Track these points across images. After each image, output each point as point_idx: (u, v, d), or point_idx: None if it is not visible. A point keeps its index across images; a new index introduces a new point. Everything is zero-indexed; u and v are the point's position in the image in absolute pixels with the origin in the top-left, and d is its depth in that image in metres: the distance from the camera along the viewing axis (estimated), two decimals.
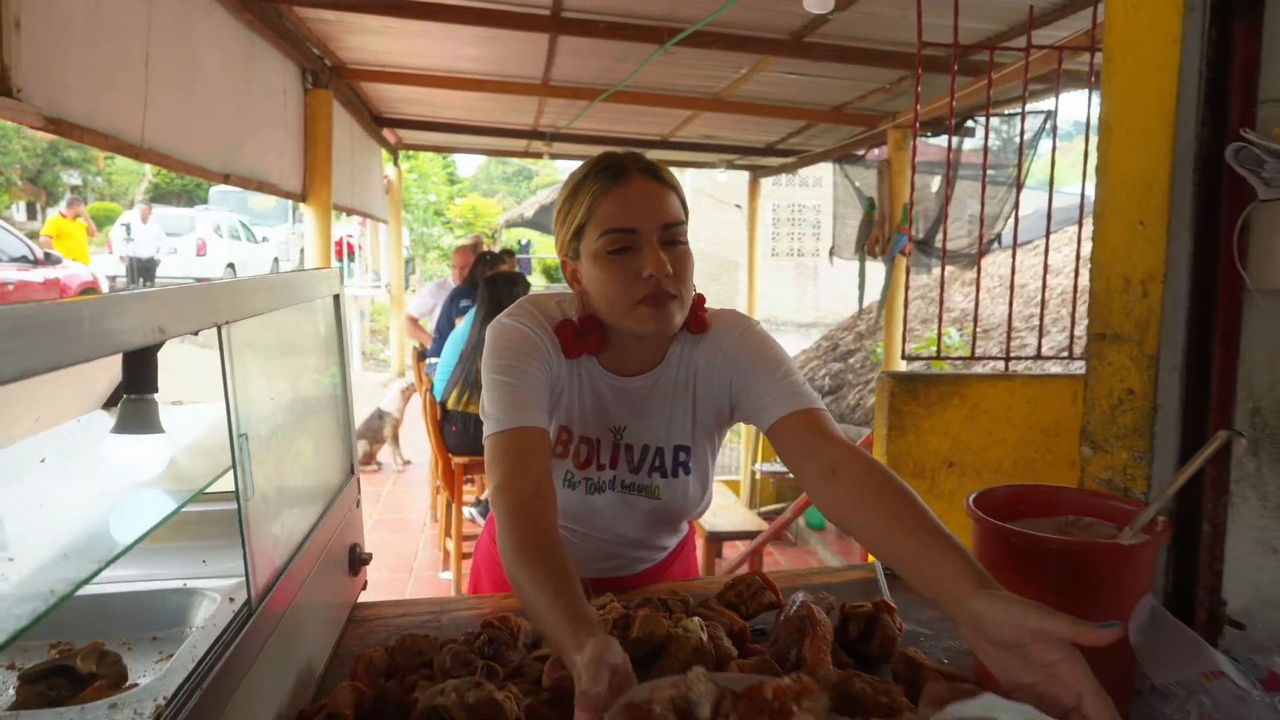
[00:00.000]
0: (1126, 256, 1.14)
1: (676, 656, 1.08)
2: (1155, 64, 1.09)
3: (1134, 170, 1.13)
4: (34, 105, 2.54)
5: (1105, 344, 1.19)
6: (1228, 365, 1.08)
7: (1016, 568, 1.04)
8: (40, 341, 0.52)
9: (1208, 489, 1.11)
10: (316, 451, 1.26)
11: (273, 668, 0.95)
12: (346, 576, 1.34)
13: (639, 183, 1.16)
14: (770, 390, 1.19)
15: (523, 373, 1.17)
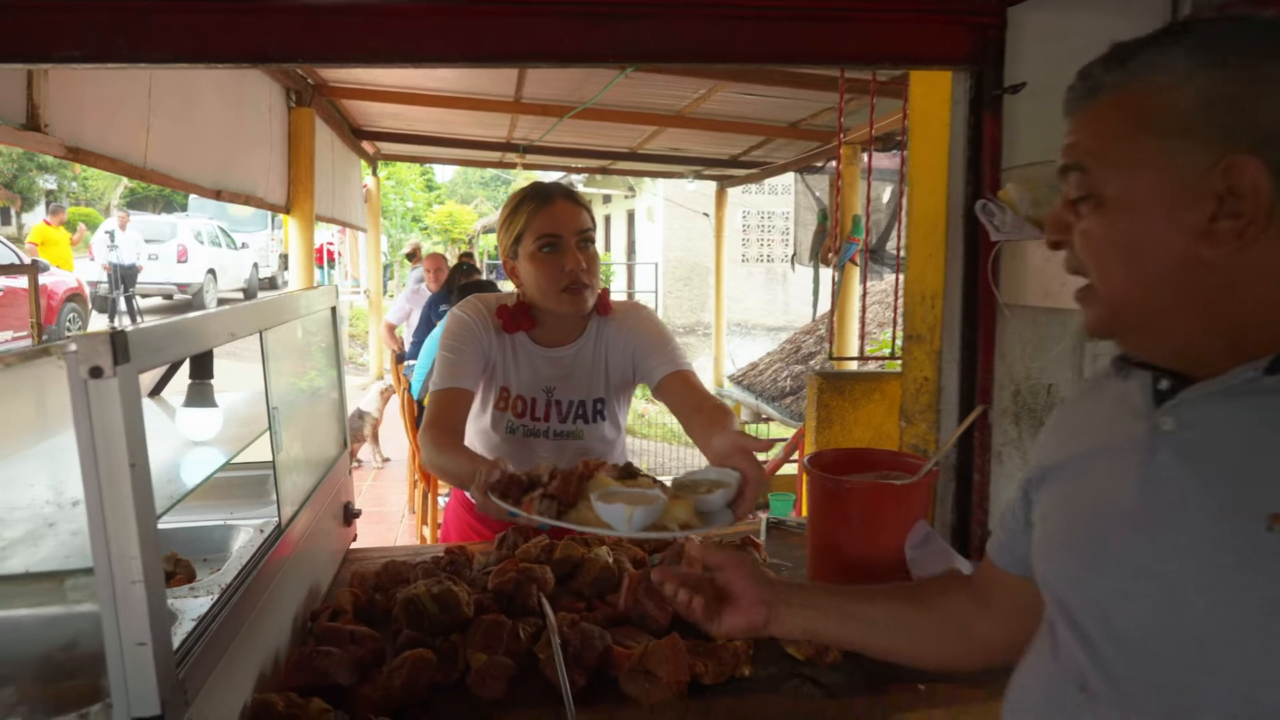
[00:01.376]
0: (922, 279, 1.55)
1: (588, 573, 1.47)
2: (936, 140, 1.50)
3: (926, 216, 1.54)
4: (58, 138, 2.90)
5: (912, 343, 1.60)
6: (988, 358, 1.49)
7: (831, 505, 1.45)
8: (178, 341, 0.91)
9: (977, 448, 1.52)
10: (319, 428, 1.64)
11: (293, 575, 1.33)
12: (342, 525, 1.72)
13: (561, 204, 1.65)
14: (658, 357, 1.68)
15: (460, 350, 1.66)
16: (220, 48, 1.24)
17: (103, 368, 0.75)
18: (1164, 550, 0.72)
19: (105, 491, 0.77)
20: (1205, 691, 0.68)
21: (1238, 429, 0.70)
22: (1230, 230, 0.69)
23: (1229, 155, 0.68)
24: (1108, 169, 0.74)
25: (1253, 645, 0.65)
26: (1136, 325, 0.77)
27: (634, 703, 1.18)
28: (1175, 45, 0.71)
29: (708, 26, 1.40)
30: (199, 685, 0.91)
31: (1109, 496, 0.78)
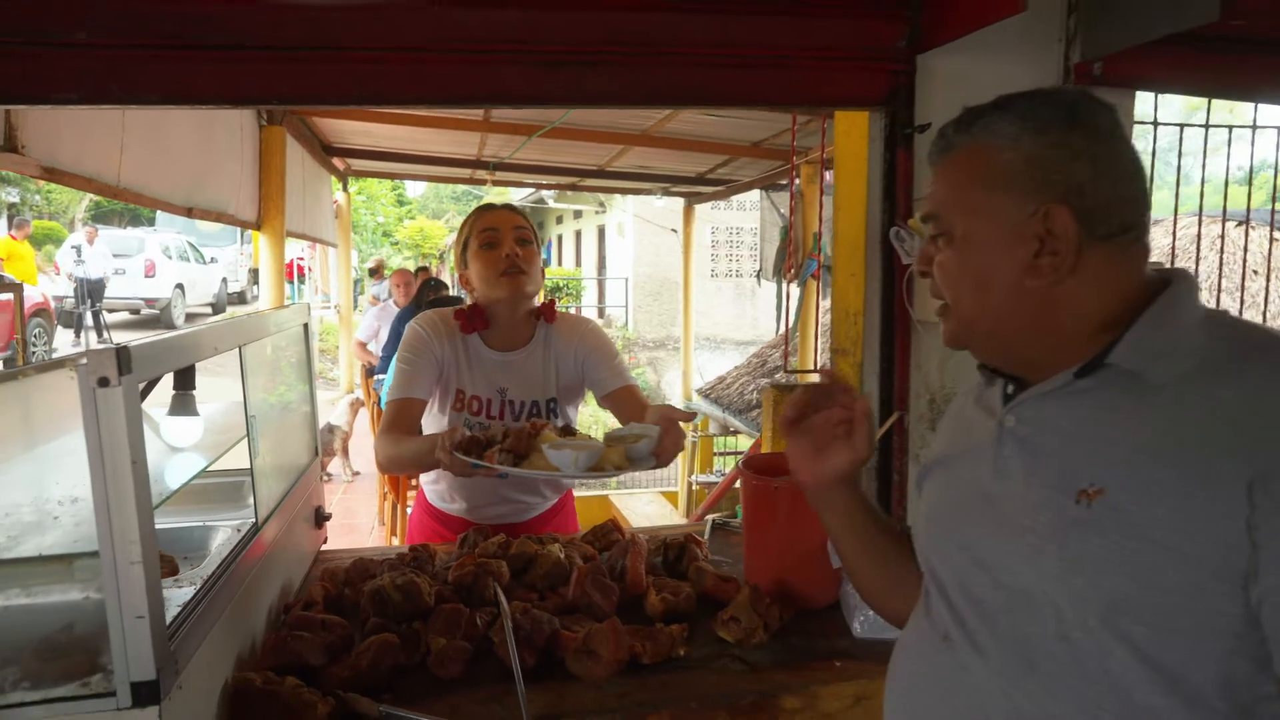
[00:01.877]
0: (845, 297, 1.71)
1: (541, 568, 1.61)
2: (857, 172, 1.67)
3: (848, 240, 1.70)
4: (34, 158, 2.99)
5: (838, 356, 1.76)
6: (904, 369, 1.65)
7: (762, 504, 1.59)
8: (172, 355, 1.04)
9: (896, 452, 1.68)
10: (292, 437, 1.76)
11: (267, 570, 1.45)
12: (313, 528, 1.84)
13: (500, 211, 1.87)
14: (608, 370, 1.89)
15: (414, 361, 1.83)
16: (203, 91, 1.37)
17: (109, 378, 0.88)
18: (1006, 525, 0.87)
19: (110, 484, 0.90)
20: (1032, 637, 0.83)
21: (1057, 423, 0.86)
22: (1049, 265, 0.84)
23: (1046, 204, 0.83)
24: (956, 214, 0.90)
25: (1061, 597, 0.81)
26: (982, 339, 0.92)
27: (579, 680, 1.32)
28: (1007, 113, 0.88)
29: (651, 73, 1.55)
30: (187, 659, 1.04)
31: (971, 483, 0.94)
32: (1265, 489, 0.71)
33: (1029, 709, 0.83)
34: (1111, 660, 0.78)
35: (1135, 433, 0.80)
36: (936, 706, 0.92)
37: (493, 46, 1.44)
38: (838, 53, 1.60)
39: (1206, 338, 0.82)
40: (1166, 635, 0.76)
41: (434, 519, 2.03)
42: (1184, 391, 0.79)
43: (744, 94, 1.62)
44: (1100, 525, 0.78)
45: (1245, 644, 0.74)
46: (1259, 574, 0.71)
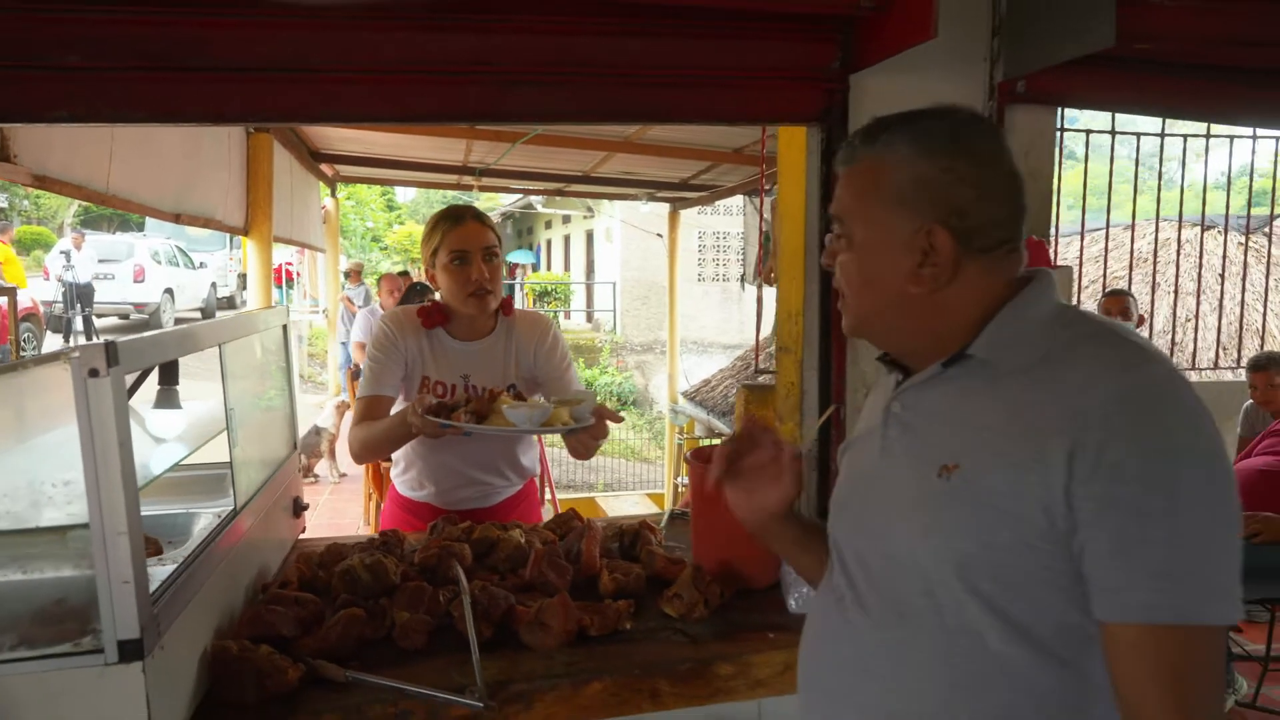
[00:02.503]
0: (788, 299, 1.84)
1: (503, 551, 1.72)
2: (797, 183, 1.80)
3: (790, 245, 1.83)
4: (26, 167, 3.09)
5: (781, 354, 1.89)
6: (840, 365, 1.78)
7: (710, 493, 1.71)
8: (156, 350, 1.15)
9: (834, 442, 1.81)
10: (271, 431, 1.88)
11: (246, 551, 1.56)
12: (291, 517, 1.95)
13: (470, 224, 1.98)
14: (557, 373, 2.08)
15: (381, 360, 1.98)
16: (186, 110, 1.48)
17: (99, 369, 1.00)
18: (888, 498, 1.00)
19: (99, 463, 1.01)
20: (904, 594, 0.96)
21: (929, 408, 0.99)
22: (929, 276, 0.97)
23: (929, 224, 0.96)
24: (855, 221, 1.02)
25: (926, 558, 0.93)
26: (874, 331, 1.05)
27: (530, 650, 1.44)
28: (903, 132, 0.99)
29: (603, 92, 1.68)
30: (168, 624, 1.15)
31: (865, 462, 1.07)
32: (1082, 459, 0.83)
33: (900, 656, 0.96)
34: (966, 613, 0.91)
35: (986, 414, 0.93)
36: (829, 656, 1.05)
37: (454, 68, 1.56)
38: (777, 72, 1.73)
39: (1052, 331, 0.94)
40: (1009, 590, 0.89)
41: (404, 509, 2.15)
42: (1028, 378, 0.91)
43: (689, 111, 1.74)
44: (955, 495, 0.91)
45: (1073, 596, 0.87)
46: (1077, 532, 0.84)
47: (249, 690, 1.26)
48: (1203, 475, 0.83)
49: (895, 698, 0.96)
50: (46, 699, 1.06)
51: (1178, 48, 1.71)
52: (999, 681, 0.90)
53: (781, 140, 1.90)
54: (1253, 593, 2.96)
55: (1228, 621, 0.82)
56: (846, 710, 1.01)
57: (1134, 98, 1.82)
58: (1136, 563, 0.82)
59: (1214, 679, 0.83)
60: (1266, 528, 2.94)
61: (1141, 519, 0.82)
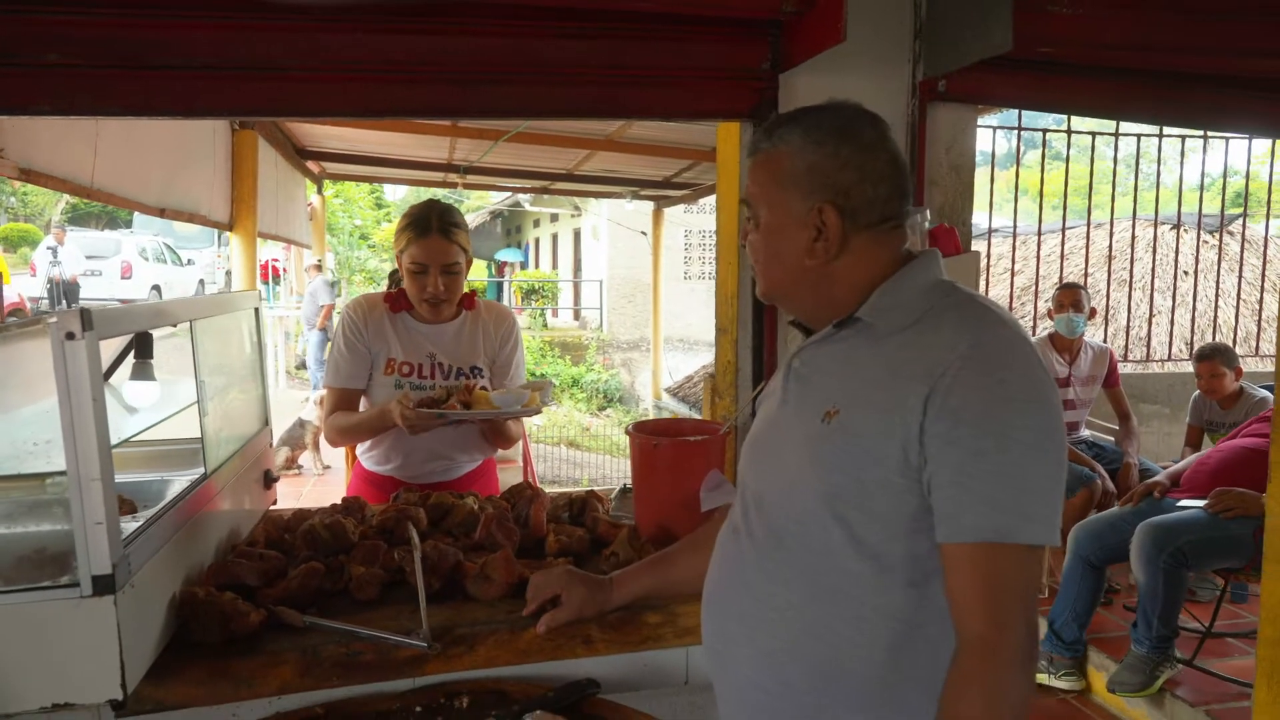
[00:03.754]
0: (725, 284, 1.98)
1: (456, 516, 1.85)
2: (733, 175, 1.93)
3: (727, 233, 1.97)
4: (12, 160, 3.20)
5: (720, 335, 2.03)
6: (772, 344, 1.92)
7: (647, 461, 1.85)
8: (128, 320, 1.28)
9: None
10: (242, 407, 2.00)
11: (217, 513, 1.69)
12: (262, 488, 2.08)
13: (433, 239, 2.06)
14: (512, 365, 2.21)
15: (347, 353, 2.11)
16: (161, 105, 1.61)
17: (75, 333, 1.13)
18: (782, 440, 1.15)
19: (75, 416, 1.14)
20: (783, 521, 1.10)
21: (821, 363, 1.14)
22: (822, 249, 1.11)
23: (819, 203, 1.10)
24: (760, 204, 1.17)
25: (804, 490, 1.08)
26: (781, 299, 1.20)
27: (475, 600, 1.57)
28: (796, 126, 1.14)
29: (552, 90, 1.81)
30: (139, 566, 1.28)
31: (769, 411, 1.22)
32: (933, 402, 0.98)
33: (773, 573, 1.11)
34: (830, 537, 1.05)
35: (865, 368, 1.07)
36: (721, 579, 1.21)
37: (414, 68, 1.70)
38: (711, 72, 1.87)
39: (928, 300, 1.09)
40: (870, 519, 1.03)
41: (368, 482, 2.28)
42: (903, 337, 1.07)
43: (633, 107, 1.88)
44: (832, 436, 1.05)
45: (921, 527, 1.01)
46: (926, 466, 0.98)
47: (213, 631, 1.39)
48: (1030, 420, 0.97)
49: (768, 608, 1.11)
50: (29, 629, 1.18)
51: (1080, 52, 1.85)
52: (853, 595, 1.04)
53: (720, 136, 2.04)
54: (1216, 563, 3.09)
55: (1041, 542, 0.96)
56: (730, 621, 1.16)
57: (1044, 97, 1.96)
58: (969, 492, 0.96)
59: (1028, 592, 0.97)
60: (1240, 502, 3.05)
61: (976, 455, 0.96)
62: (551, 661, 1.52)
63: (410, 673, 1.44)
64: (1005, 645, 0.94)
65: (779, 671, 1.10)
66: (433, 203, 2.09)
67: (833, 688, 1.06)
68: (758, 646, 1.12)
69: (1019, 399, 0.98)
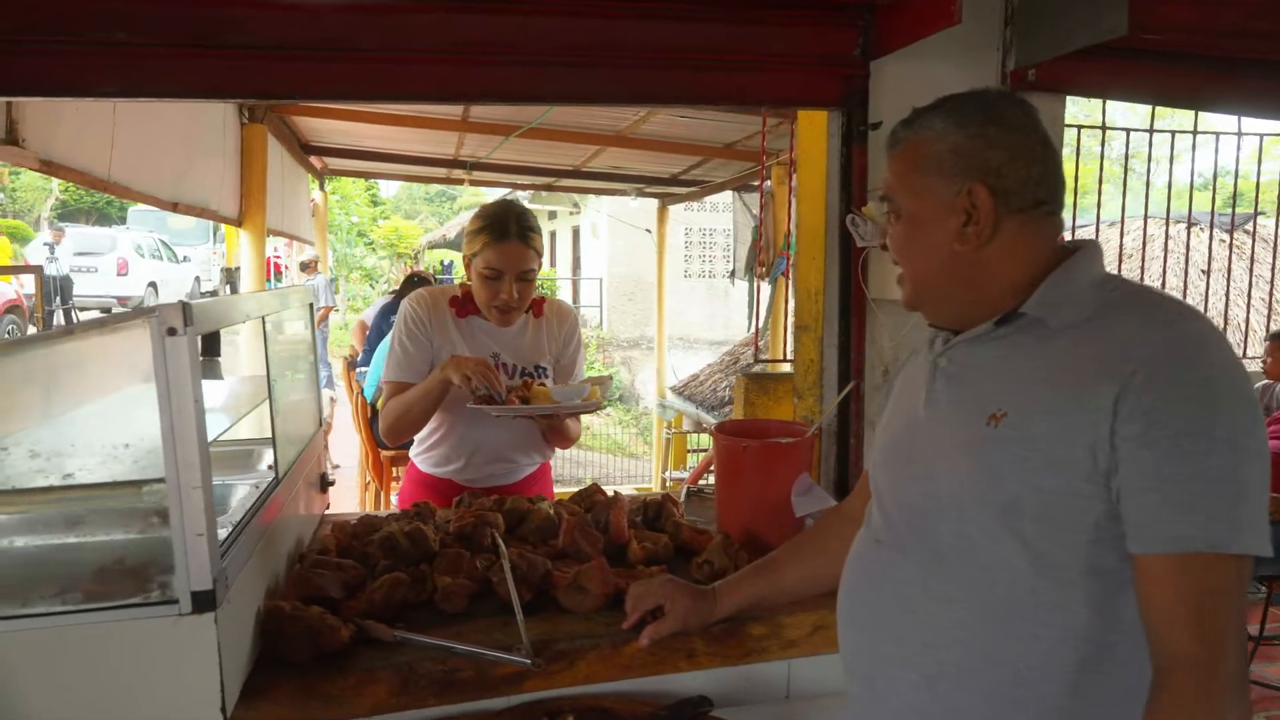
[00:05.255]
0: (808, 278, 1.90)
1: (533, 521, 1.77)
2: (817, 165, 1.85)
3: (810, 227, 1.88)
4: (33, 151, 3.10)
5: (801, 332, 1.94)
6: (860, 343, 1.84)
7: (733, 463, 1.77)
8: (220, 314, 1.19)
9: (853, 416, 1.87)
10: (300, 407, 1.91)
11: (286, 521, 1.60)
12: (318, 492, 1.98)
13: (512, 244, 1.96)
14: (569, 362, 2.14)
15: (409, 346, 2.03)
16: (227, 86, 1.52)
17: (177, 328, 1.04)
18: (931, 445, 1.06)
19: (175, 418, 1.05)
20: (942, 533, 1.02)
21: (978, 362, 1.06)
22: (973, 234, 1.04)
23: (968, 183, 1.03)
24: (903, 195, 1.10)
25: (968, 500, 1.00)
26: (929, 298, 1.12)
27: (570, 612, 1.49)
28: (938, 112, 1.08)
29: (629, 74, 1.72)
30: (232, 580, 1.19)
31: (909, 411, 1.14)
32: (1125, 402, 0.90)
33: (935, 591, 1.02)
34: (1002, 551, 0.97)
35: (1036, 367, 1.00)
36: (869, 595, 1.12)
37: (487, 49, 1.61)
38: (799, 59, 1.78)
39: (1100, 293, 1.02)
40: (1047, 529, 0.95)
41: (424, 485, 2.18)
42: (1077, 334, 0.99)
43: (714, 94, 1.80)
44: (1002, 441, 0.97)
45: (1107, 535, 0.93)
46: (1117, 471, 0.91)
47: (303, 648, 1.30)
48: (1234, 419, 0.89)
49: (932, 630, 1.02)
50: (121, 651, 1.09)
51: (1187, 39, 1.77)
52: (1029, 614, 0.96)
53: (801, 125, 1.96)
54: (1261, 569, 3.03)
55: (1258, 551, 0.88)
56: (885, 643, 1.07)
57: (1139, 87, 1.88)
58: (1171, 499, 0.88)
59: (1237, 608, 0.89)
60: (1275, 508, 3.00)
61: (1177, 458, 0.88)
62: (654, 676, 1.45)
63: (508, 690, 1.36)
64: (1220, 666, 0.87)
65: (947, 699, 1.02)
66: (509, 204, 2.01)
67: (1009, 716, 0.98)
68: (921, 671, 1.03)
69: (1221, 396, 0.90)
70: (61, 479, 1.21)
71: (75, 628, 1.09)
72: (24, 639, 1.07)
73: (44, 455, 1.25)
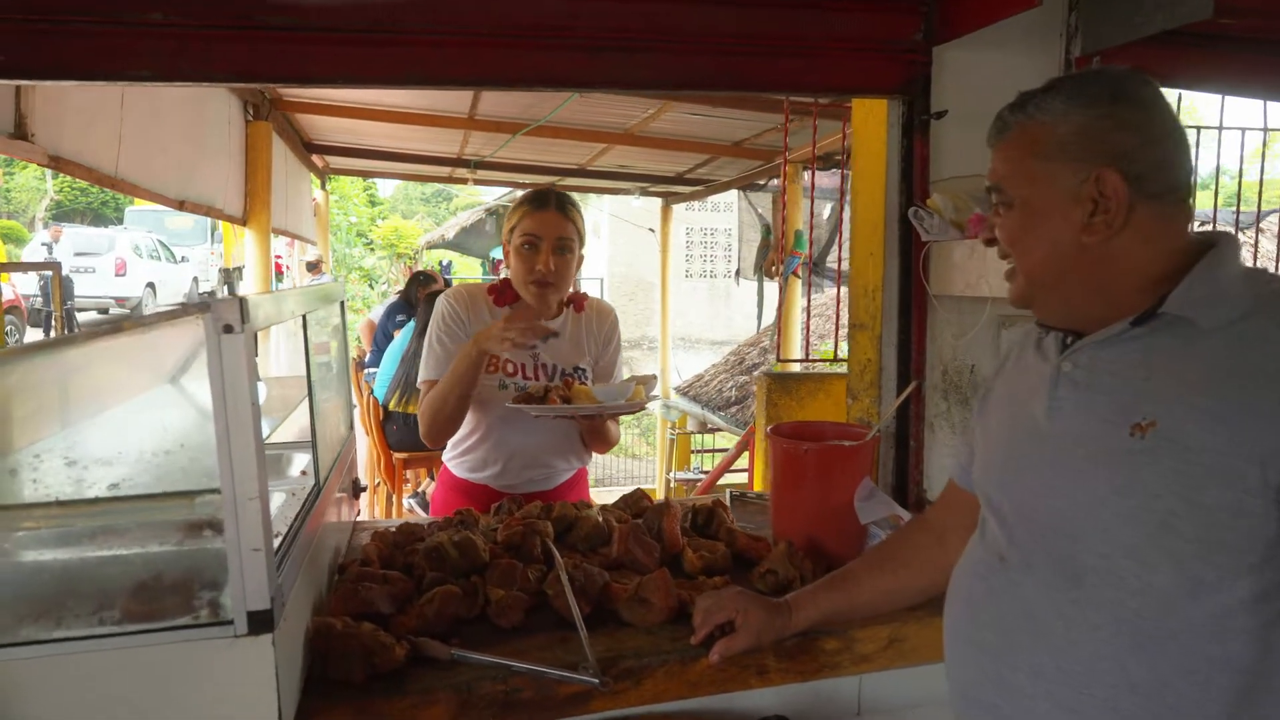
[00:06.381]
0: (864, 274, 1.82)
1: (582, 529, 1.69)
2: (875, 156, 1.77)
3: (867, 221, 1.80)
4: (42, 147, 3.00)
5: (856, 330, 1.86)
6: (920, 341, 1.76)
7: (791, 467, 1.68)
8: (275, 310, 1.11)
9: (913, 419, 1.79)
10: (333, 409, 1.82)
11: (327, 533, 1.51)
12: (350, 498, 1.90)
13: (550, 212, 1.92)
14: (609, 365, 2.07)
15: (445, 341, 1.94)
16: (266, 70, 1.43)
17: (233, 325, 0.95)
18: (1062, 457, 0.98)
19: (231, 423, 0.96)
20: (1079, 554, 0.94)
21: (1112, 366, 0.97)
22: (1102, 223, 0.95)
23: (1096, 169, 0.94)
24: (1017, 184, 1.01)
25: (1111, 518, 0.91)
26: (1045, 295, 1.03)
27: (632, 626, 1.40)
28: (1055, 93, 0.99)
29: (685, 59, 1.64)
30: (285, 598, 1.10)
31: (1026, 420, 1.05)
32: None
33: (1074, 617, 0.93)
34: (1153, 573, 0.88)
35: (1187, 371, 0.90)
36: (992, 617, 1.02)
37: (540, 33, 1.52)
38: (858, 44, 1.70)
39: (1252, 289, 0.93)
40: (1208, 550, 0.86)
41: (459, 491, 2.09)
42: (1234, 334, 0.89)
43: (767, 81, 1.72)
44: (1154, 453, 0.88)
45: (1277, 557, 0.85)
46: None
47: (357, 668, 1.21)
48: None
49: (1070, 657, 0.94)
50: (165, 676, 1.00)
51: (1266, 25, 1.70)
52: (1184, 642, 0.88)
53: (857, 115, 1.88)
54: None
55: None
56: (1016, 671, 0.98)
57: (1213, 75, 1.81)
58: None
59: None
60: None
61: None
62: (724, 694, 1.37)
63: (574, 711, 1.28)
64: None
65: None
66: (550, 187, 1.95)
67: None
68: (1060, 704, 0.94)
69: None
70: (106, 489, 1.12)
71: (115, 652, 1.00)
72: (57, 665, 0.98)
73: (80, 462, 1.16)
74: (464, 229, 20.27)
